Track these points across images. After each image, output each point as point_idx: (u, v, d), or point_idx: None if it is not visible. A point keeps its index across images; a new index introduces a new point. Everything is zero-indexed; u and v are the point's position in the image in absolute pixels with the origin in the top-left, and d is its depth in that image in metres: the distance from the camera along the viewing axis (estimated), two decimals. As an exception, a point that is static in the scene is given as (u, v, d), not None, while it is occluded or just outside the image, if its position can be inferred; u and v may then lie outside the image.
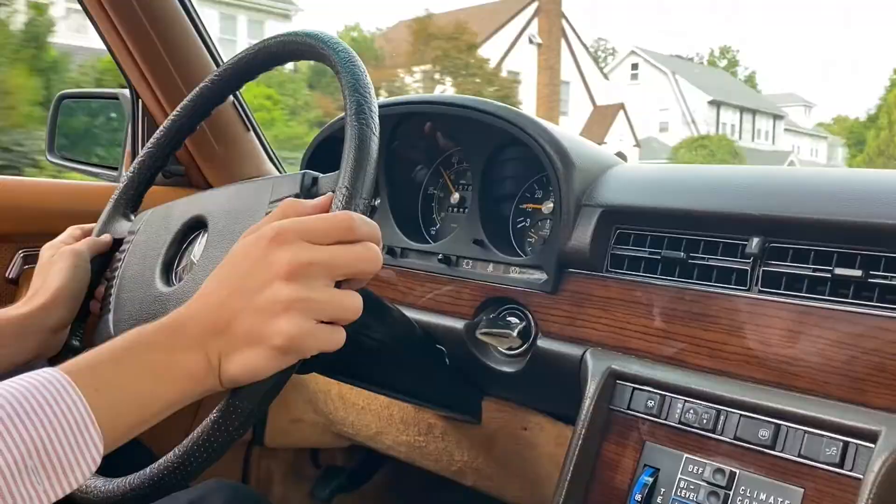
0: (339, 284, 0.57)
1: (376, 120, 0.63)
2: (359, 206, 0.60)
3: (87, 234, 0.89)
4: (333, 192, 0.61)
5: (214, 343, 0.54)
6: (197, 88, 0.85)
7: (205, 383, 0.54)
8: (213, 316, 0.55)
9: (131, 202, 0.91)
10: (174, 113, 0.87)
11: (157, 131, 0.89)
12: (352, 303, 0.57)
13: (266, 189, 0.72)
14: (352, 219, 0.57)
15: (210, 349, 0.54)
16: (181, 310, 0.56)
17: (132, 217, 0.90)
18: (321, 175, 0.69)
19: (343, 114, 0.66)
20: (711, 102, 33.04)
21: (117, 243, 0.88)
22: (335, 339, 0.57)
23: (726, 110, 34.09)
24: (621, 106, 26.76)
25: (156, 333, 0.55)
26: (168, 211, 0.84)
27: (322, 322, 0.55)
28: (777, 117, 37.09)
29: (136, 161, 0.91)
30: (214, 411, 0.58)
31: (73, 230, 0.89)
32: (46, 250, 0.85)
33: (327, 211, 0.60)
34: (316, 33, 0.71)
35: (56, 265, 0.82)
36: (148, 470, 0.60)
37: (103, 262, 0.88)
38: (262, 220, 0.60)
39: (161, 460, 0.59)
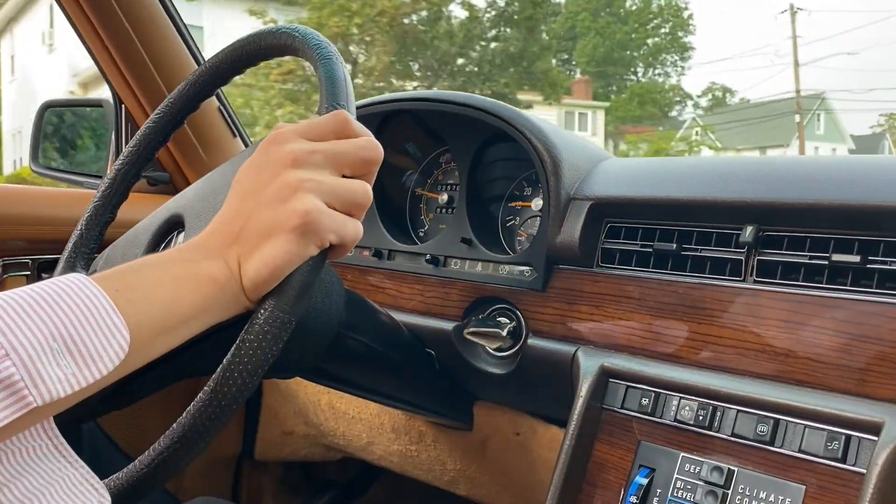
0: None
1: (340, 57, 0.63)
2: None
3: None
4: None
5: (233, 250, 0.54)
6: (139, 132, 0.81)
7: (227, 289, 0.54)
8: (228, 226, 0.55)
9: (83, 259, 0.84)
10: (118, 162, 0.83)
11: (102, 183, 0.84)
12: (362, 189, 0.56)
13: (242, 161, 0.69)
14: (347, 114, 0.57)
15: (230, 257, 0.54)
16: (199, 233, 0.57)
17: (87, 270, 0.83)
18: None
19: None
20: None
21: None
22: (352, 227, 0.56)
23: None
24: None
25: (175, 251, 0.56)
26: (134, 231, 0.80)
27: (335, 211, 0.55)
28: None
29: (84, 217, 0.84)
30: (242, 332, 0.54)
31: None
32: None
33: None
34: (280, 28, 0.70)
35: None
36: (175, 424, 0.55)
37: None
38: None
39: (190, 406, 0.55)
